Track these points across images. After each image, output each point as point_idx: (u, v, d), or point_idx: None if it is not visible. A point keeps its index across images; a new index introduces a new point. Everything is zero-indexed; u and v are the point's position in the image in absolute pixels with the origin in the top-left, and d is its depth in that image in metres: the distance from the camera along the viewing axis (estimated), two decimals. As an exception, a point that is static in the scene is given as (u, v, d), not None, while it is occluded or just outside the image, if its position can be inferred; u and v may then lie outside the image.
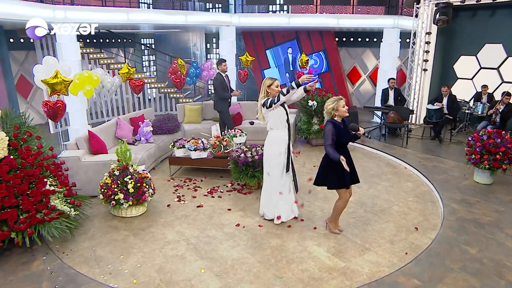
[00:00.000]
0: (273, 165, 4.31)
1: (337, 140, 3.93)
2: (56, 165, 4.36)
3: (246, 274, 3.54)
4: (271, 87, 4.17)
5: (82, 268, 3.64)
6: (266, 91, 4.19)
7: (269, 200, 4.47)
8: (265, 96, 4.20)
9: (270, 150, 4.33)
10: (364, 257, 3.82)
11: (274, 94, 4.15)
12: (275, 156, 4.29)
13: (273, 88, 4.17)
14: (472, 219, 4.51)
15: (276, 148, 4.28)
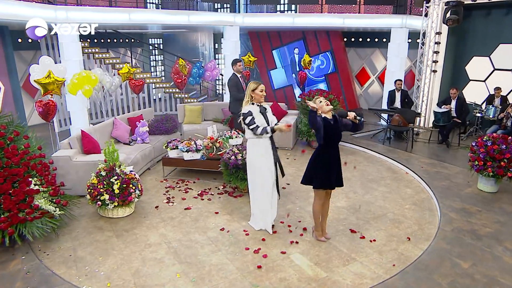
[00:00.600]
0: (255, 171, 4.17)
1: (328, 136, 3.72)
2: (43, 165, 4.37)
3: (221, 281, 3.43)
4: (255, 92, 4.05)
5: (59, 269, 3.62)
6: (251, 95, 4.08)
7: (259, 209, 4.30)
8: (249, 101, 4.09)
9: (251, 156, 4.19)
10: (349, 267, 3.65)
11: (258, 99, 4.06)
12: (256, 161, 4.14)
13: (257, 92, 4.05)
14: (470, 230, 4.26)
15: (256, 154, 4.13)
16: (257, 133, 3.98)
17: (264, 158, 4.11)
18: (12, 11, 6.22)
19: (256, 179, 4.18)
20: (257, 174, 4.15)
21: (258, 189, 4.21)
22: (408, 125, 7.54)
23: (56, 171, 4.68)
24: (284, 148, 7.52)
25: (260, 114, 4.07)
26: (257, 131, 3.96)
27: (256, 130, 3.97)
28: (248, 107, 4.05)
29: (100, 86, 6.81)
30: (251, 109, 4.04)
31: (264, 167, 4.12)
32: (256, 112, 4.04)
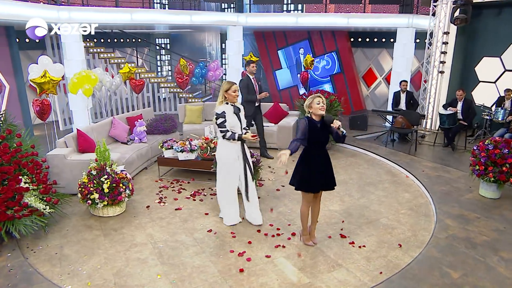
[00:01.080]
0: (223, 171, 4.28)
1: (312, 139, 3.64)
2: (35, 163, 4.42)
3: (201, 284, 3.39)
4: (228, 92, 4.09)
5: (43, 267, 3.65)
6: (224, 95, 4.11)
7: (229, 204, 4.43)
8: (223, 101, 4.12)
9: (221, 158, 4.26)
10: (334, 274, 3.55)
11: (231, 99, 4.10)
12: (225, 163, 4.24)
13: (230, 93, 4.09)
14: (465, 237, 4.09)
15: (226, 156, 4.20)
16: (225, 137, 4.08)
17: (233, 159, 4.21)
18: (16, 12, 6.33)
19: (225, 177, 4.29)
20: (224, 172, 4.27)
21: (226, 187, 4.33)
22: (411, 127, 7.35)
23: (48, 170, 4.73)
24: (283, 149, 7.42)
25: (234, 114, 4.13)
26: (226, 135, 4.06)
27: (225, 134, 4.06)
28: (222, 107, 4.10)
29: (101, 85, 6.86)
30: (226, 109, 4.09)
31: (232, 167, 4.23)
32: (230, 113, 4.10)
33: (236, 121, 4.15)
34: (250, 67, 6.52)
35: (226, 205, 4.42)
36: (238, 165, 4.25)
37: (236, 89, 4.12)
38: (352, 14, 8.94)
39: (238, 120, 4.18)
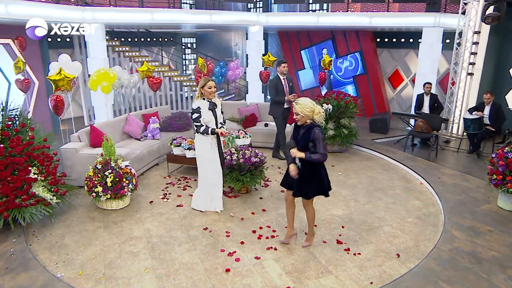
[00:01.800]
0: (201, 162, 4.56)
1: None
2: (46, 156, 4.65)
3: (185, 281, 3.41)
4: (204, 88, 4.27)
5: (42, 254, 3.84)
6: (200, 91, 4.30)
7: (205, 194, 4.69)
8: (200, 96, 4.32)
9: (198, 149, 4.55)
10: (321, 280, 3.44)
11: (207, 95, 4.28)
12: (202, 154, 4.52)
13: (205, 89, 4.28)
14: (471, 251, 3.81)
15: (203, 147, 4.48)
16: (199, 131, 4.30)
17: (210, 151, 4.48)
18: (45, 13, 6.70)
19: (207, 168, 4.55)
20: (206, 164, 4.53)
21: (210, 177, 4.57)
22: (432, 132, 6.97)
23: (59, 162, 4.95)
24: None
25: (209, 110, 4.31)
26: (200, 130, 4.28)
27: (199, 129, 4.29)
28: (198, 103, 4.29)
29: (119, 83, 7.11)
30: (201, 105, 4.28)
31: (211, 158, 4.51)
32: (205, 108, 4.29)
33: (211, 117, 4.38)
34: (281, 67, 6.27)
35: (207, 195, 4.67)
36: (214, 154, 4.49)
37: (212, 85, 4.30)
38: (374, 13, 8.62)
39: (213, 116, 4.40)
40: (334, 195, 5.35)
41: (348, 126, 7.09)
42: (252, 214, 4.75)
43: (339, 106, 6.97)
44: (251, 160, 5.12)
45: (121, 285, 3.36)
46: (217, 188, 4.70)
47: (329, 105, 6.98)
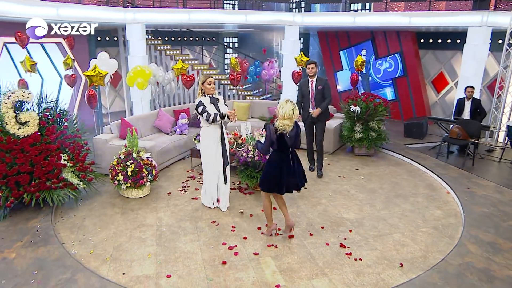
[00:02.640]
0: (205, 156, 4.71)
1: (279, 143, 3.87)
2: (77, 144, 5.10)
3: (182, 268, 3.57)
4: (204, 85, 4.47)
5: (63, 232, 4.24)
6: (201, 88, 4.49)
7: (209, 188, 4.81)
8: (201, 93, 4.52)
9: (202, 143, 4.70)
10: (313, 281, 3.41)
11: (207, 91, 4.46)
12: (206, 148, 4.64)
13: (205, 85, 4.47)
14: (484, 268, 3.53)
15: (207, 141, 4.62)
16: (209, 121, 4.40)
17: (214, 146, 4.61)
18: (90, 14, 7.33)
19: (208, 163, 4.69)
20: (208, 159, 4.66)
21: (209, 172, 4.72)
22: (469, 139, 6.49)
23: (89, 151, 5.39)
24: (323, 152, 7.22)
25: (211, 104, 4.49)
26: (209, 119, 4.40)
27: (208, 117, 4.40)
28: (199, 98, 4.48)
29: (154, 80, 7.53)
30: (203, 99, 4.46)
31: (214, 153, 4.63)
32: (206, 103, 4.46)
33: (214, 110, 4.51)
34: (307, 69, 5.93)
35: (209, 189, 4.80)
36: (216, 148, 4.62)
37: (211, 81, 4.47)
38: (414, 12, 8.19)
39: (216, 109, 4.54)
40: (350, 198, 5.24)
41: (376, 129, 6.84)
42: (262, 211, 4.79)
43: (368, 108, 6.74)
44: (266, 158, 5.17)
45: (124, 266, 3.61)
46: (214, 189, 4.78)
47: (357, 107, 6.79)
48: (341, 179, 5.96)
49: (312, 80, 5.88)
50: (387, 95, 10.15)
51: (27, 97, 4.67)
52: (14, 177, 4.42)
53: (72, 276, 3.37)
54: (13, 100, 4.58)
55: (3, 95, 4.58)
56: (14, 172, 4.43)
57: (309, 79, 5.92)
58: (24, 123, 4.66)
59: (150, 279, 3.42)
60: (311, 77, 5.88)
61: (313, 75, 5.87)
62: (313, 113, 5.77)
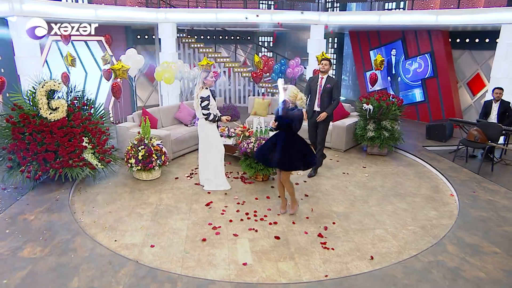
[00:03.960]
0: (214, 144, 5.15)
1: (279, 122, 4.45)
2: (98, 130, 5.76)
3: (165, 241, 3.98)
4: (207, 79, 4.88)
5: (77, 203, 4.88)
6: (203, 82, 4.87)
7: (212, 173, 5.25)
8: (203, 88, 4.90)
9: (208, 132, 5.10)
10: (279, 264, 3.63)
11: (209, 84, 4.89)
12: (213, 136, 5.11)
13: (208, 79, 4.89)
14: (454, 268, 3.49)
15: (211, 130, 5.06)
16: (209, 119, 4.94)
17: (216, 133, 5.14)
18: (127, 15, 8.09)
19: (213, 149, 5.11)
20: (214, 145, 5.07)
21: (215, 158, 5.13)
22: (487, 142, 6.17)
23: (109, 137, 6.02)
24: (335, 149, 7.29)
25: (212, 97, 4.97)
26: (209, 118, 4.91)
27: (209, 117, 4.89)
28: (205, 92, 4.90)
29: (180, 75, 8.09)
30: (209, 93, 4.88)
31: (217, 139, 5.15)
32: (210, 96, 4.92)
33: (213, 101, 5.02)
34: (319, 65, 6.03)
35: (219, 175, 5.18)
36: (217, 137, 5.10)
37: (212, 75, 4.95)
38: (441, 10, 7.85)
39: (214, 100, 5.08)
40: (346, 194, 5.31)
41: (389, 128, 6.75)
42: (256, 199, 5.07)
43: (380, 107, 6.69)
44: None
45: (117, 235, 4.11)
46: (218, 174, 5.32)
47: (369, 105, 6.77)
48: (344, 176, 6.02)
49: (323, 77, 5.83)
50: (416, 96, 9.81)
51: (58, 86, 5.39)
52: (42, 154, 5.16)
53: (71, 238, 3.93)
54: (46, 89, 5.32)
55: (39, 85, 5.34)
56: (42, 150, 5.16)
57: (320, 75, 5.87)
58: (54, 109, 5.38)
59: (135, 247, 3.87)
60: (323, 73, 5.82)
61: (324, 72, 5.81)
62: (319, 117, 5.70)
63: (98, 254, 3.67)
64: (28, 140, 5.12)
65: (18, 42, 6.60)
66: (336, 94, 5.78)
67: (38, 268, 3.41)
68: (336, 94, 5.79)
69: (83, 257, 3.59)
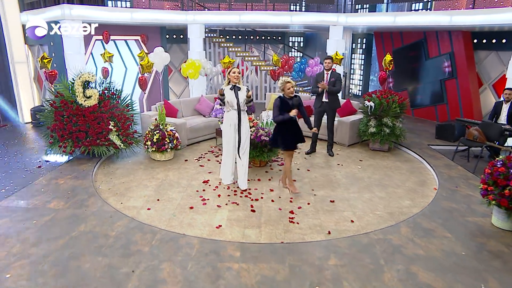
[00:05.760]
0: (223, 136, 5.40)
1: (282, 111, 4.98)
2: (123, 116, 6.76)
3: (160, 206, 4.79)
4: (230, 74, 5.20)
5: (99, 175, 5.89)
6: (228, 78, 5.22)
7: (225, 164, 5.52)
8: (227, 82, 5.21)
9: (223, 126, 5.39)
10: (246, 230, 4.24)
11: (232, 79, 5.15)
12: (224, 130, 5.35)
13: (231, 74, 5.19)
14: (397, 245, 3.86)
15: (226, 124, 5.31)
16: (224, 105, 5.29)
17: (232, 128, 5.26)
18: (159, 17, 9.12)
19: (224, 143, 5.40)
20: (224, 139, 5.37)
21: (224, 151, 5.40)
22: (485, 142, 6.22)
23: (133, 122, 7.00)
24: (340, 144, 7.68)
25: (231, 91, 5.15)
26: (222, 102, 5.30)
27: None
28: (223, 86, 5.25)
29: (203, 71, 8.95)
30: (225, 88, 5.20)
31: (229, 134, 5.28)
32: (228, 90, 5.17)
33: (233, 97, 5.18)
34: (324, 63, 6.80)
35: (223, 165, 5.57)
36: (233, 133, 5.30)
37: (235, 71, 5.21)
38: (455, 11, 7.82)
39: (235, 97, 5.19)
40: (332, 181, 5.76)
41: (390, 125, 7.00)
42: (248, 181, 5.71)
43: (381, 104, 6.98)
44: (260, 138, 6.05)
45: (124, 200, 4.99)
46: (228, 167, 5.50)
47: (370, 103, 7.09)
48: (337, 167, 6.45)
49: (328, 73, 6.75)
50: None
51: (91, 78, 6.47)
52: (76, 134, 6.26)
53: (87, 198, 4.89)
54: (83, 80, 6.42)
55: (76, 76, 6.45)
56: (76, 130, 6.26)
57: (325, 72, 6.78)
58: (88, 97, 6.47)
59: (135, 209, 4.72)
60: (327, 70, 6.76)
61: (329, 69, 6.74)
62: (322, 85, 6.58)
63: (104, 210, 4.57)
64: (66, 121, 6.25)
65: (67, 42, 7.87)
66: (338, 85, 6.69)
67: (58, 216, 4.39)
68: (338, 85, 6.70)
69: (92, 212, 4.52)
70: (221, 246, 3.82)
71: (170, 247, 3.76)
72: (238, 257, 3.62)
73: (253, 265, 3.48)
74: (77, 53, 7.96)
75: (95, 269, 3.37)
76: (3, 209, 4.59)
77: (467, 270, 3.43)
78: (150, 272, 3.35)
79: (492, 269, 3.46)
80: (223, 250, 3.75)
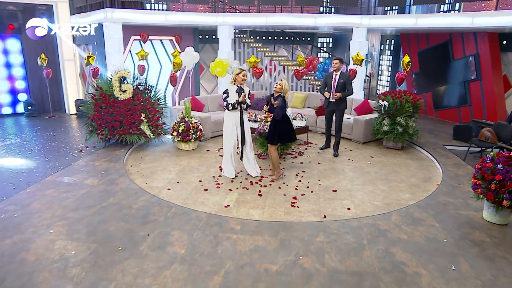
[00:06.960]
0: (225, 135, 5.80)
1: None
2: (154, 109, 7.53)
3: (179, 188, 5.42)
4: (238, 75, 5.53)
5: (129, 159, 6.69)
6: (235, 78, 5.56)
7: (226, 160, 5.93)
8: (232, 82, 5.58)
9: (224, 124, 5.80)
10: (251, 210, 4.76)
11: (239, 81, 5.51)
12: (225, 128, 5.77)
13: (239, 76, 5.53)
14: (384, 230, 4.21)
15: (227, 123, 5.72)
16: (228, 108, 5.59)
17: (233, 127, 5.67)
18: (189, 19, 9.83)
19: (225, 138, 5.81)
20: (226, 134, 5.77)
21: (226, 145, 5.84)
22: (497, 143, 6.30)
23: (163, 115, 7.75)
24: (355, 141, 7.98)
25: (235, 93, 5.53)
26: (228, 107, 5.56)
27: (227, 106, 5.56)
28: (228, 86, 5.63)
29: (230, 70, 9.55)
30: (230, 88, 5.59)
31: (230, 132, 5.70)
32: (232, 91, 5.55)
33: (236, 97, 5.54)
34: (332, 64, 7.04)
35: (225, 162, 5.96)
36: (236, 132, 5.72)
37: (244, 74, 5.58)
38: (477, 12, 7.79)
39: (238, 97, 5.53)
40: (339, 174, 6.13)
41: (403, 124, 7.21)
42: (260, 169, 6.21)
43: (394, 103, 7.22)
44: (266, 129, 6.53)
45: (149, 180, 5.70)
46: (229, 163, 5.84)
47: (384, 102, 7.34)
48: (347, 161, 6.79)
49: (337, 73, 6.88)
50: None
51: (127, 74, 7.29)
52: (111, 123, 7.10)
53: (118, 177, 5.66)
54: (119, 76, 7.25)
55: (114, 72, 7.29)
56: (112, 120, 7.10)
57: (334, 72, 6.91)
58: (124, 91, 7.29)
59: (157, 188, 5.40)
60: (336, 71, 6.87)
61: (337, 69, 6.85)
62: (336, 96, 6.74)
63: (131, 188, 5.30)
64: (104, 112, 7.11)
65: (108, 42, 8.81)
66: (349, 87, 6.82)
67: (93, 190, 5.17)
68: (349, 87, 6.84)
69: (120, 188, 5.26)
70: (225, 221, 4.38)
71: (182, 219, 4.38)
72: (238, 230, 4.16)
73: (249, 237, 4.00)
74: (117, 52, 8.87)
75: (118, 231, 4.06)
76: (51, 182, 5.46)
77: (443, 254, 3.74)
78: (162, 236, 3.98)
79: (469, 255, 3.73)
80: (226, 224, 4.31)
